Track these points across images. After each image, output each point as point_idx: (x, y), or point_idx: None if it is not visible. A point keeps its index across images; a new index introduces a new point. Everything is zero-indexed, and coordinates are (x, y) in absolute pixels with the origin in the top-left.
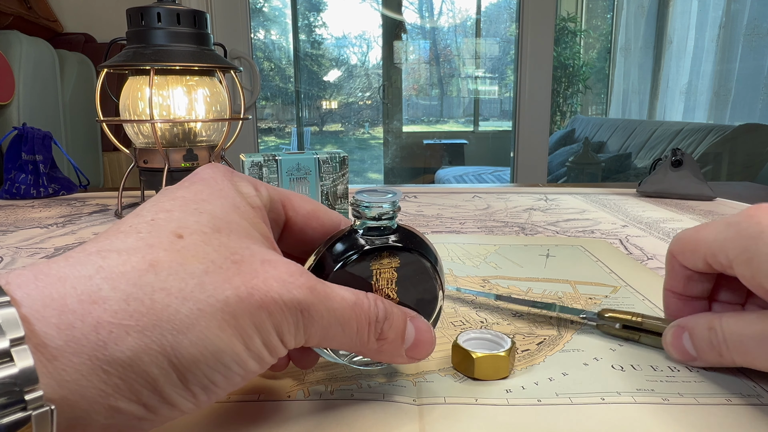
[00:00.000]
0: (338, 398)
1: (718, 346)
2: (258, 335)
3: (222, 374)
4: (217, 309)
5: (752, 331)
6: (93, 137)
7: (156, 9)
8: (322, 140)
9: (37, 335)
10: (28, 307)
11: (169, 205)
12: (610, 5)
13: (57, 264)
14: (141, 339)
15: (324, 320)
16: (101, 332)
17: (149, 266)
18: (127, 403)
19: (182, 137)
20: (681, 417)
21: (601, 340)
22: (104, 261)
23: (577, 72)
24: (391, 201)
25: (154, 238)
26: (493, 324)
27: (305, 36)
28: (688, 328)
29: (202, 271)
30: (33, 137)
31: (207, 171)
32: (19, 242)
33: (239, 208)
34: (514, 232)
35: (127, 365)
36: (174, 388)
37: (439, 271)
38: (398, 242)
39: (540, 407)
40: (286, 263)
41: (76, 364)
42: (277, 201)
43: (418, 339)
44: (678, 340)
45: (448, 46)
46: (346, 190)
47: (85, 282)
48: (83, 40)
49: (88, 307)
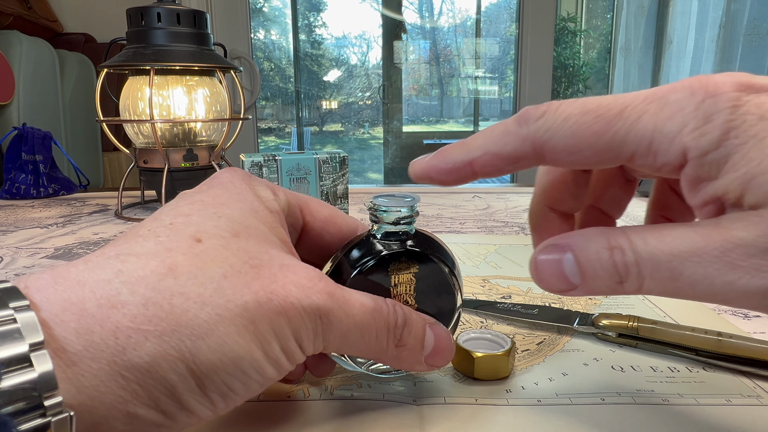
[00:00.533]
0: (338, 398)
1: (624, 270)
2: (277, 341)
3: (240, 381)
4: (236, 314)
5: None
6: (93, 137)
7: (156, 9)
8: (322, 140)
9: (56, 340)
10: (47, 311)
11: (187, 209)
12: (610, 5)
13: (76, 268)
14: (160, 344)
15: (343, 326)
16: (120, 337)
17: (168, 270)
18: (145, 410)
19: (182, 137)
20: (681, 417)
21: (601, 340)
22: (123, 265)
23: (577, 72)
24: (410, 205)
25: (173, 242)
26: (493, 324)
27: (305, 36)
28: (574, 248)
29: (221, 276)
30: (33, 137)
31: (225, 175)
32: (19, 242)
33: (257, 213)
34: (514, 232)
35: (145, 371)
36: (192, 395)
37: (457, 276)
38: (416, 247)
39: (540, 407)
40: (305, 268)
41: (95, 370)
42: (294, 206)
43: (437, 346)
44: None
45: (448, 46)
46: (346, 190)
47: (104, 286)
48: (83, 40)
49: (107, 311)
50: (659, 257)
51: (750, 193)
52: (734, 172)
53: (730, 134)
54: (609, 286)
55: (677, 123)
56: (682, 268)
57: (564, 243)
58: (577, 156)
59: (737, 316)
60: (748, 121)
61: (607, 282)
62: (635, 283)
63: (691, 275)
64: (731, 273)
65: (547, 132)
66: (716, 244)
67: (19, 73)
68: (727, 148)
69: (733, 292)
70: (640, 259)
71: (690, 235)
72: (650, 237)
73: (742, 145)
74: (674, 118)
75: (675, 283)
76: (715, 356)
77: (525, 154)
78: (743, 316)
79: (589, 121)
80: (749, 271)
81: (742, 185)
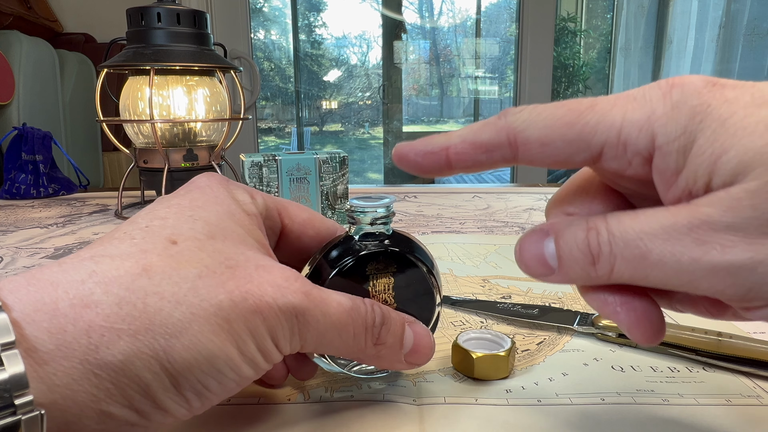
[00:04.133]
0: (338, 400)
1: (596, 251)
2: (252, 340)
3: (216, 379)
4: (210, 313)
5: (659, 226)
6: (93, 137)
7: (156, 9)
8: (322, 140)
9: (27, 339)
10: (19, 312)
11: (164, 213)
12: (610, 5)
13: (50, 270)
14: (133, 343)
15: (320, 325)
16: (93, 336)
17: (142, 270)
18: (119, 408)
19: (182, 137)
20: (681, 417)
21: (601, 340)
22: (97, 266)
23: (577, 72)
24: (386, 206)
25: (147, 243)
26: (493, 324)
27: (305, 36)
28: (555, 231)
29: (196, 276)
30: (33, 137)
31: (203, 179)
32: (19, 242)
33: (234, 215)
34: (514, 232)
35: (119, 369)
36: (167, 394)
37: (435, 275)
38: (394, 247)
39: (540, 407)
40: (281, 268)
41: (67, 368)
42: (273, 209)
43: (417, 344)
44: (538, 247)
45: (448, 46)
46: (346, 190)
47: (77, 286)
48: (83, 40)
49: (80, 311)
50: (630, 235)
51: (717, 175)
52: (700, 156)
53: (696, 119)
54: (584, 270)
55: (646, 111)
56: (651, 246)
57: (548, 227)
58: (549, 148)
59: None
60: (713, 105)
61: (581, 265)
62: (607, 265)
63: (660, 252)
64: (698, 249)
65: (522, 123)
66: (685, 221)
67: (19, 73)
68: (693, 132)
69: (699, 270)
70: (612, 238)
71: (661, 214)
72: (625, 218)
73: (707, 128)
74: (643, 107)
75: (644, 261)
76: (715, 356)
77: (499, 143)
78: None
79: (561, 113)
80: (715, 246)
81: (709, 168)
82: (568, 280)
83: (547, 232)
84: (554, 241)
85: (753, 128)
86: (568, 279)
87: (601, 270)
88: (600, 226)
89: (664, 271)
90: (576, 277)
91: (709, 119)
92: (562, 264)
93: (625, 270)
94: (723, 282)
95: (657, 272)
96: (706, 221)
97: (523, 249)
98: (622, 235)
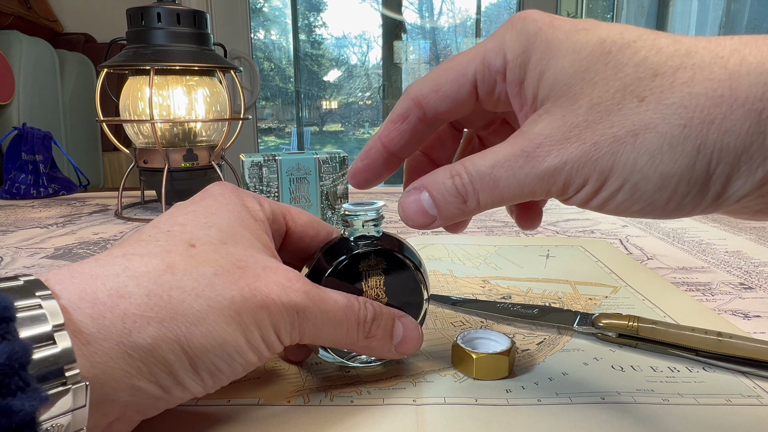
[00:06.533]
0: (338, 404)
1: (463, 191)
2: (258, 331)
3: (226, 363)
4: (224, 306)
5: (502, 157)
6: (93, 137)
7: (156, 9)
8: (322, 140)
9: (74, 323)
10: (66, 299)
11: (182, 219)
12: (610, 5)
13: (88, 264)
14: (160, 329)
15: (317, 321)
16: (127, 322)
17: (167, 267)
18: (147, 384)
19: (182, 137)
20: (681, 417)
21: (601, 340)
22: (129, 262)
23: None
24: (376, 209)
25: (170, 245)
26: (493, 324)
27: (305, 36)
28: (427, 185)
29: (213, 273)
30: (33, 137)
31: (216, 188)
32: (19, 242)
33: (244, 222)
34: (514, 232)
35: (147, 351)
36: (186, 373)
37: (423, 272)
38: (384, 247)
39: (540, 407)
40: (285, 270)
41: (106, 349)
42: (279, 213)
43: (406, 336)
44: (417, 202)
45: (448, 46)
46: (346, 190)
47: (113, 279)
48: (83, 40)
49: (116, 300)
50: (483, 170)
51: (542, 89)
52: (533, 70)
53: (530, 40)
54: (458, 208)
55: (499, 40)
56: (499, 174)
57: (419, 184)
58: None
59: (737, 316)
60: (543, 29)
61: (455, 205)
62: (474, 200)
63: (505, 177)
64: (529, 164)
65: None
66: (520, 146)
67: (19, 73)
68: (529, 51)
69: (532, 180)
70: (471, 177)
71: (503, 147)
72: (476, 158)
73: (537, 49)
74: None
75: (497, 188)
76: (715, 356)
77: (408, 108)
78: (743, 316)
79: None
80: (538, 158)
81: (535, 82)
82: (448, 221)
83: (420, 189)
84: (429, 194)
85: (566, 50)
86: (448, 220)
87: (471, 204)
88: (460, 170)
89: (512, 190)
90: (453, 216)
91: (539, 40)
92: (440, 209)
93: (488, 198)
94: (548, 183)
95: (507, 192)
96: (533, 140)
97: (405, 208)
98: (477, 173)
